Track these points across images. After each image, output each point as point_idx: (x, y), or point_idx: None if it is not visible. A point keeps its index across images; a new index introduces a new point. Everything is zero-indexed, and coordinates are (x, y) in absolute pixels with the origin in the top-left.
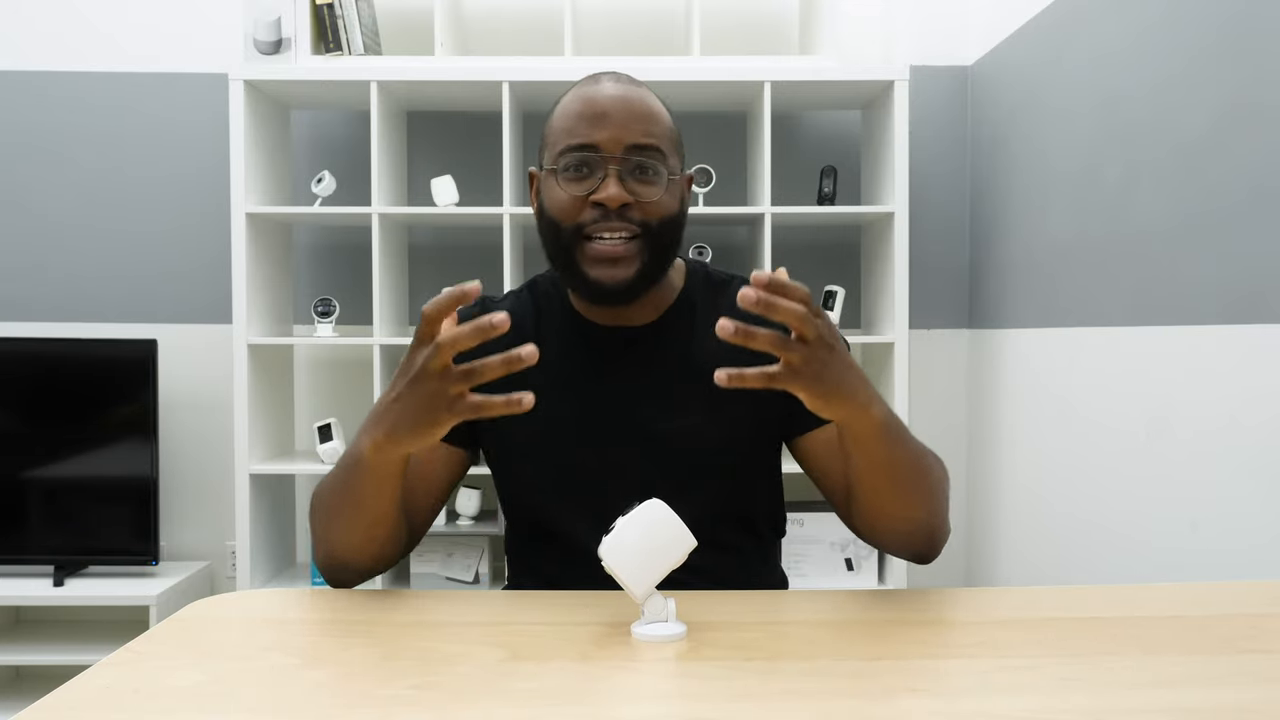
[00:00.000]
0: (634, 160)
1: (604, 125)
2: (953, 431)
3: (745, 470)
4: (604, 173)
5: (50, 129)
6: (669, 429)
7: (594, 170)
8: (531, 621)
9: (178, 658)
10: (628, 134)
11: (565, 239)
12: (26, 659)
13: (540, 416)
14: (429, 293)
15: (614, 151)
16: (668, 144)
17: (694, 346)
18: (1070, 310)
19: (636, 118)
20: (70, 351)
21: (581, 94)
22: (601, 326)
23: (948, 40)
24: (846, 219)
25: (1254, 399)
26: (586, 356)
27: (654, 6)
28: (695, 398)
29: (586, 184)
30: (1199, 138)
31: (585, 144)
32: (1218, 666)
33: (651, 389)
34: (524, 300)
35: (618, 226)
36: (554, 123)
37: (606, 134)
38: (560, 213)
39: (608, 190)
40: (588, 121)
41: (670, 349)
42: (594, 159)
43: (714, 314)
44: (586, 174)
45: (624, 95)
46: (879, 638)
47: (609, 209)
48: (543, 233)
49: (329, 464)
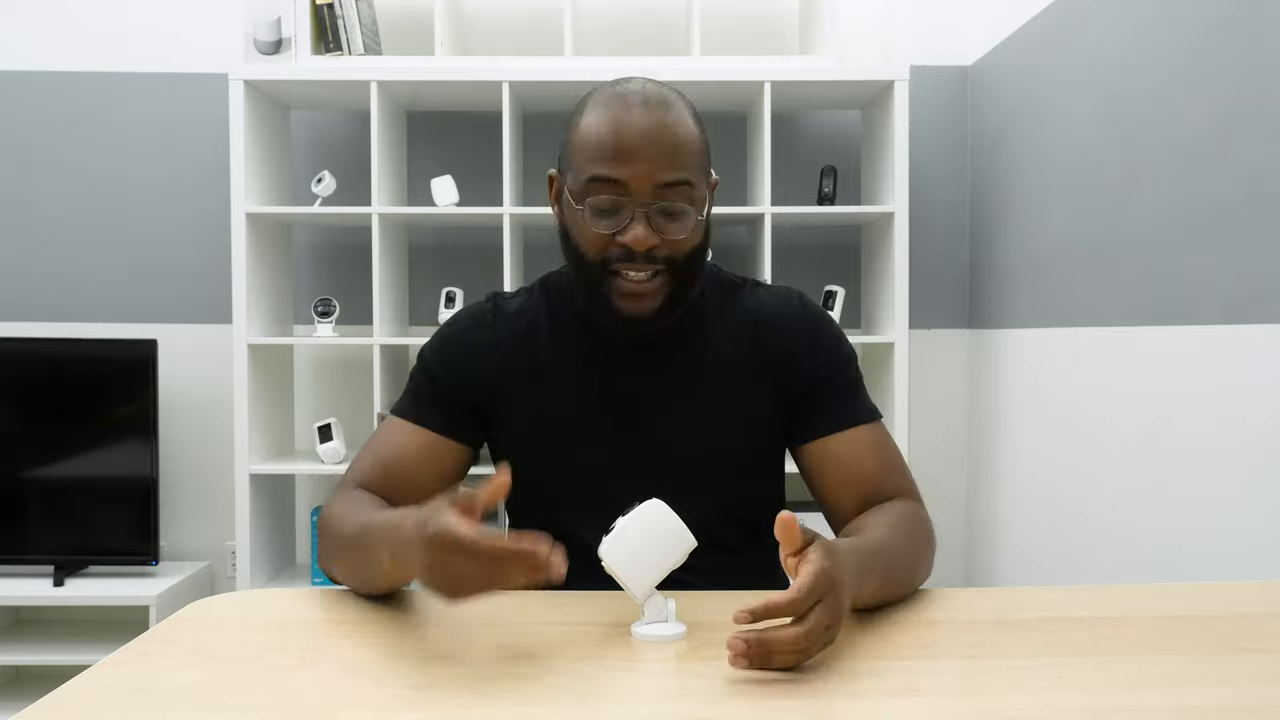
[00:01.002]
0: (661, 203)
1: (632, 161)
2: (953, 431)
3: (751, 474)
4: (630, 214)
5: (50, 129)
6: (676, 432)
7: (619, 209)
8: (532, 621)
9: (178, 658)
10: (657, 172)
11: (592, 272)
12: (26, 659)
13: (550, 416)
14: (429, 292)
15: (642, 193)
16: (697, 171)
17: (704, 350)
18: (1070, 310)
19: (665, 152)
20: (70, 351)
21: (611, 116)
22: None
23: (948, 40)
24: (846, 219)
25: (1254, 399)
26: (597, 358)
27: (654, 6)
28: (704, 401)
29: (612, 221)
30: (1199, 138)
31: (612, 179)
32: (1218, 666)
33: (661, 392)
34: (536, 298)
35: (643, 266)
36: (580, 138)
37: (634, 171)
38: (586, 247)
39: (634, 233)
40: (616, 155)
41: (681, 353)
42: (621, 200)
43: (724, 318)
44: (612, 212)
45: (655, 125)
46: (879, 638)
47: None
48: (568, 252)
49: (329, 464)
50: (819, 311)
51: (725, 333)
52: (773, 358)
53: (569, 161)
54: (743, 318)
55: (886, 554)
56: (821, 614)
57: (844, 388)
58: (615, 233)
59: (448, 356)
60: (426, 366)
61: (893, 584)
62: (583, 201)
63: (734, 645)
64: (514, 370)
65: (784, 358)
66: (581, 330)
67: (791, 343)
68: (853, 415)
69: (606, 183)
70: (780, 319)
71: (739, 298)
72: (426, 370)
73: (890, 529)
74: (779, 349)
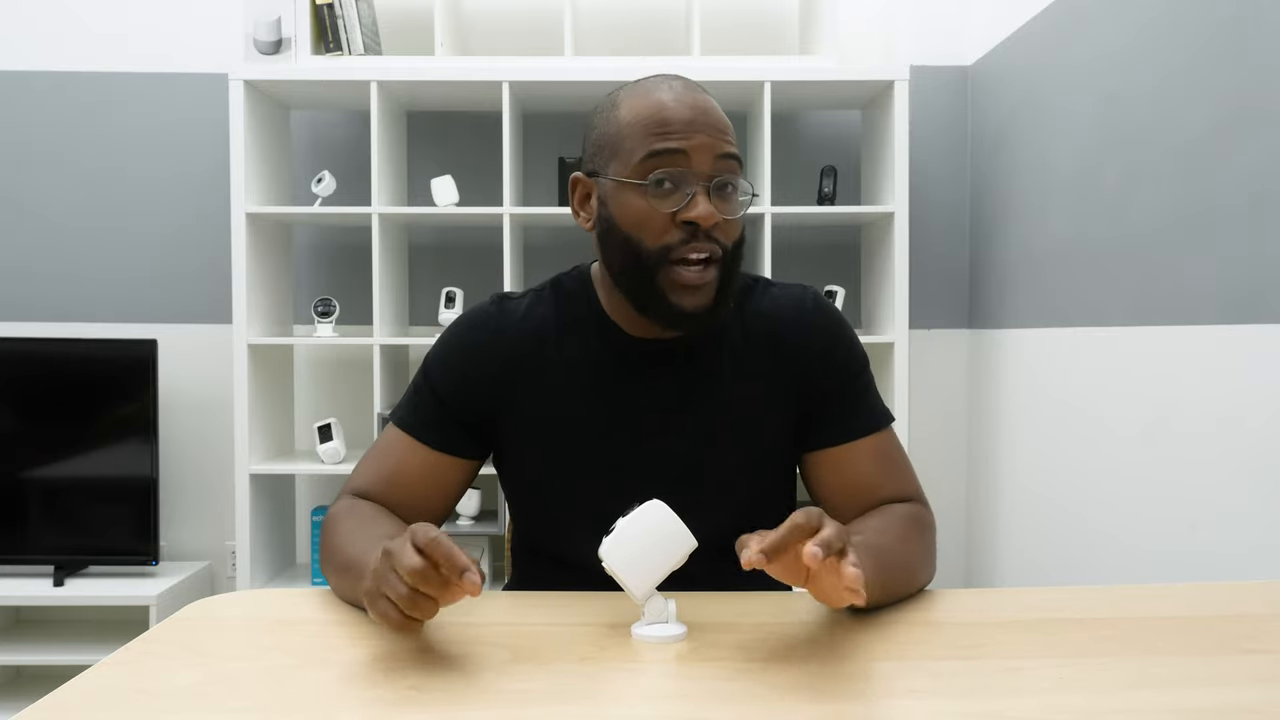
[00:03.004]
0: (722, 175)
1: (694, 132)
2: (953, 431)
3: (761, 483)
4: (692, 188)
5: (50, 129)
6: (690, 439)
7: (680, 185)
8: (532, 622)
9: (178, 658)
10: (716, 143)
11: (649, 261)
12: (26, 659)
13: (558, 419)
14: (429, 292)
15: (704, 164)
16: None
17: (719, 354)
18: (1070, 310)
19: (720, 125)
20: (70, 351)
21: (658, 99)
22: (631, 335)
23: (948, 40)
24: (846, 219)
25: (1254, 399)
26: (611, 363)
27: (654, 6)
28: (719, 406)
29: (675, 199)
30: (1199, 138)
31: (675, 149)
32: (1218, 666)
33: (675, 398)
34: (545, 299)
35: (704, 248)
36: (627, 123)
37: (696, 141)
38: (644, 231)
39: (701, 208)
40: (676, 127)
41: (696, 360)
42: (686, 173)
43: (738, 320)
44: (672, 189)
45: (705, 101)
46: (879, 638)
47: (699, 229)
48: (611, 249)
49: (329, 464)
50: (832, 313)
51: (740, 335)
52: (786, 361)
53: (613, 150)
54: (756, 319)
55: (881, 555)
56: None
57: (853, 397)
58: (676, 211)
59: (449, 364)
60: (430, 378)
61: (890, 584)
62: (644, 178)
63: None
64: (518, 372)
65: (797, 362)
66: (598, 334)
67: (805, 348)
68: (860, 426)
69: (668, 155)
70: (794, 321)
71: (752, 298)
72: (430, 381)
73: (883, 533)
74: (792, 353)
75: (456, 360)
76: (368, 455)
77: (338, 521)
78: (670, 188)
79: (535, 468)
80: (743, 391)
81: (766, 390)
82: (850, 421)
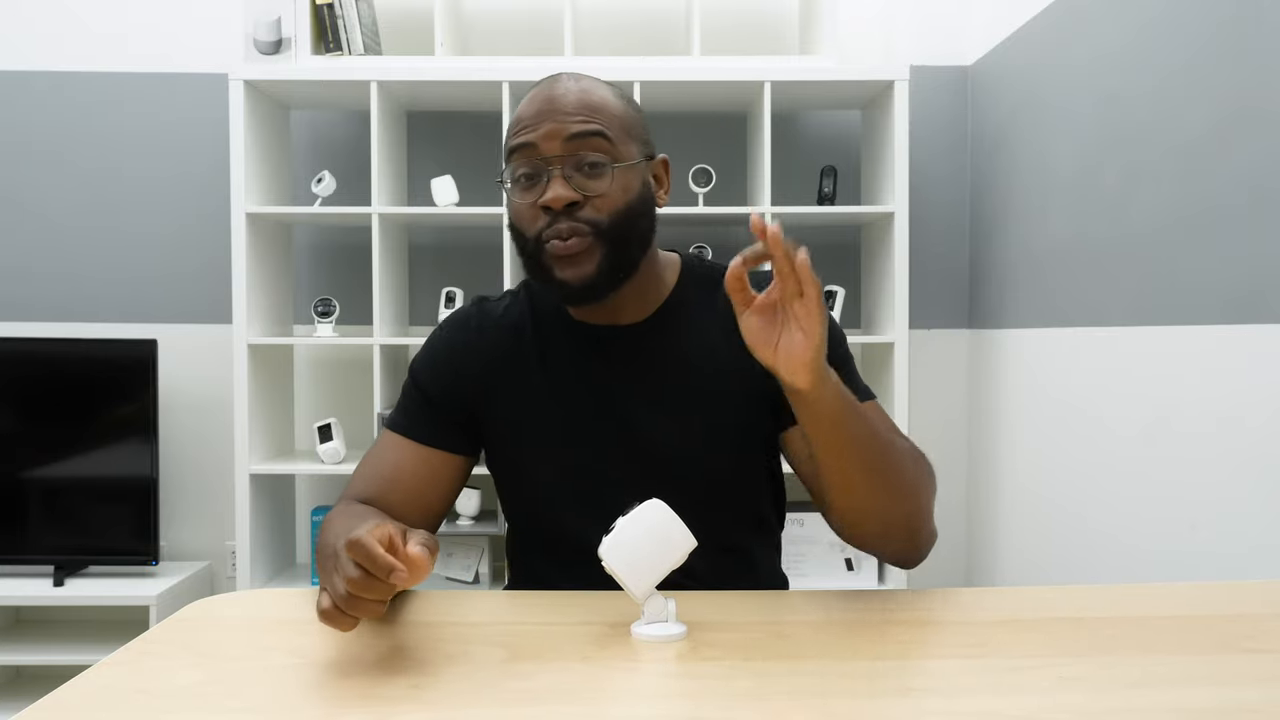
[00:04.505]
0: (577, 155)
1: (541, 122)
2: (953, 431)
3: (739, 469)
4: (547, 175)
5: (50, 129)
6: (664, 428)
7: (538, 174)
8: (531, 621)
9: (178, 658)
10: (566, 126)
11: (530, 248)
12: (26, 659)
13: (537, 416)
14: (429, 292)
15: (552, 149)
16: (617, 130)
17: (686, 344)
18: (1070, 310)
19: (575, 108)
20: (70, 351)
21: (526, 96)
22: (591, 326)
23: (948, 40)
24: (846, 219)
25: (1254, 399)
26: (578, 357)
27: (654, 6)
28: (687, 396)
29: (535, 190)
30: (1199, 138)
31: (524, 143)
32: (1218, 666)
33: (643, 388)
34: (520, 300)
35: (565, 230)
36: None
37: (543, 130)
38: (520, 223)
39: (552, 192)
40: (525, 122)
41: (661, 347)
42: (536, 162)
43: (708, 310)
44: (534, 180)
45: (563, 90)
46: (879, 638)
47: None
48: (515, 245)
49: (329, 464)
50: None
51: (710, 322)
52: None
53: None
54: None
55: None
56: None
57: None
58: (537, 200)
59: (435, 365)
60: (416, 379)
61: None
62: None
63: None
64: (500, 372)
65: None
66: (565, 329)
67: None
68: None
69: (522, 150)
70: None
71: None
72: (416, 382)
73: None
74: None
75: (442, 360)
76: (363, 461)
77: (329, 524)
78: (529, 181)
79: (520, 462)
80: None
81: (736, 375)
82: None
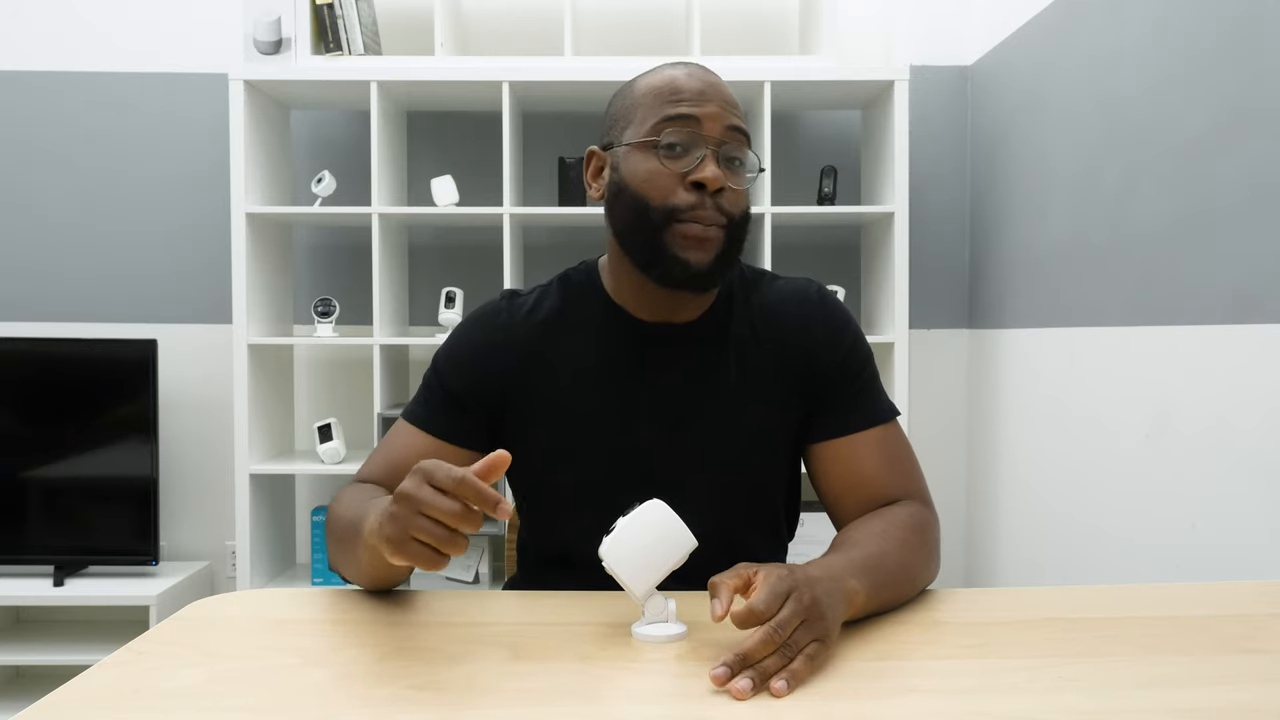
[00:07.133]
0: (730, 147)
1: (705, 101)
2: (953, 431)
3: (770, 472)
4: (702, 153)
5: (50, 129)
6: (699, 428)
7: (691, 149)
8: (532, 621)
9: (178, 658)
10: (726, 115)
11: (656, 217)
12: (26, 659)
13: (566, 412)
14: (429, 292)
15: (714, 131)
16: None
17: (727, 344)
18: (1070, 310)
19: (730, 101)
20: (70, 351)
21: (674, 74)
22: (641, 322)
23: (948, 40)
24: (846, 219)
25: (1254, 399)
26: (622, 352)
27: (654, 6)
28: (727, 396)
29: (685, 161)
30: (1199, 138)
31: (687, 115)
32: (1218, 666)
33: (686, 388)
34: (552, 294)
35: (709, 215)
36: (640, 97)
37: (709, 110)
38: (652, 190)
39: (707, 170)
40: (688, 96)
41: (706, 348)
42: (697, 136)
43: (746, 311)
44: (682, 152)
45: (715, 81)
46: (879, 638)
47: (706, 191)
48: (619, 210)
49: (329, 464)
50: (836, 306)
51: (745, 326)
52: (790, 353)
53: (627, 120)
54: (761, 311)
55: (874, 563)
56: (793, 607)
57: (856, 389)
58: (686, 173)
59: (460, 360)
60: (439, 371)
61: (886, 590)
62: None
63: (716, 676)
64: (529, 366)
65: (801, 354)
66: (608, 324)
67: (809, 339)
68: (862, 418)
69: (680, 120)
70: (798, 314)
71: (758, 290)
72: (439, 375)
73: (881, 537)
74: (796, 344)
75: (468, 356)
76: (375, 451)
77: (339, 500)
78: (681, 150)
79: (546, 460)
80: (748, 382)
81: (771, 381)
82: (852, 414)
